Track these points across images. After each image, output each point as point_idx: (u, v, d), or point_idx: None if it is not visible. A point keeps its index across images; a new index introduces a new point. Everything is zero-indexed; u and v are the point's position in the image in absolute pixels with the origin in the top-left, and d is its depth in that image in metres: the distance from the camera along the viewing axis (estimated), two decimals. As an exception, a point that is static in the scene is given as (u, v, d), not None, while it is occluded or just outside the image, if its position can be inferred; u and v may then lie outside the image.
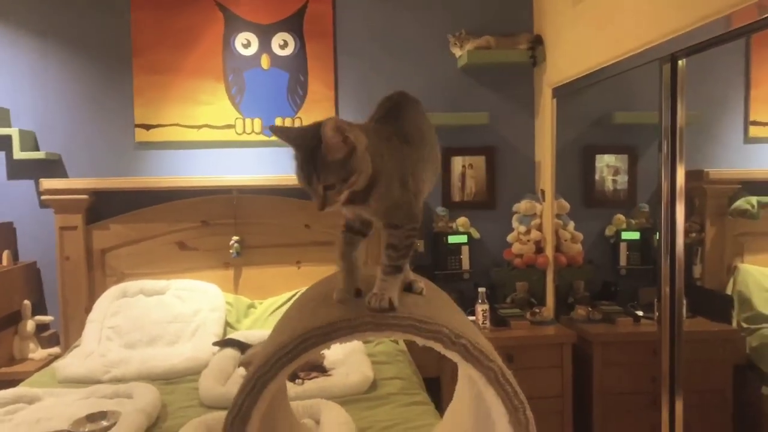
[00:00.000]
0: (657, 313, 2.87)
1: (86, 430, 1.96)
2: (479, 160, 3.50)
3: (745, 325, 2.67)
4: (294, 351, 0.74)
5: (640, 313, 3.06)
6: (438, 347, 0.75)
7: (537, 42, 3.36)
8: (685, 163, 2.36)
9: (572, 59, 3.08)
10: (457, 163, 3.49)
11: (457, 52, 3.39)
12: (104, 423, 2.00)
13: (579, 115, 3.36)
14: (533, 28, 3.50)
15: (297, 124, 3.40)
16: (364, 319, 0.74)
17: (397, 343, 3.00)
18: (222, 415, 1.98)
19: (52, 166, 3.29)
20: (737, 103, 2.77)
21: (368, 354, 2.70)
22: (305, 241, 3.36)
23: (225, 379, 2.45)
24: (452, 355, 0.75)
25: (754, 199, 2.74)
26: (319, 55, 3.40)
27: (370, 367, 2.47)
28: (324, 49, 3.41)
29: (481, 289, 3.14)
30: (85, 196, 3.18)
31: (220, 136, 3.37)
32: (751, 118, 2.78)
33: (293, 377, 2.45)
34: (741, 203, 2.77)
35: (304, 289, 3.17)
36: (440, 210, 3.43)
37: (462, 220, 3.43)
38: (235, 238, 3.27)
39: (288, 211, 3.33)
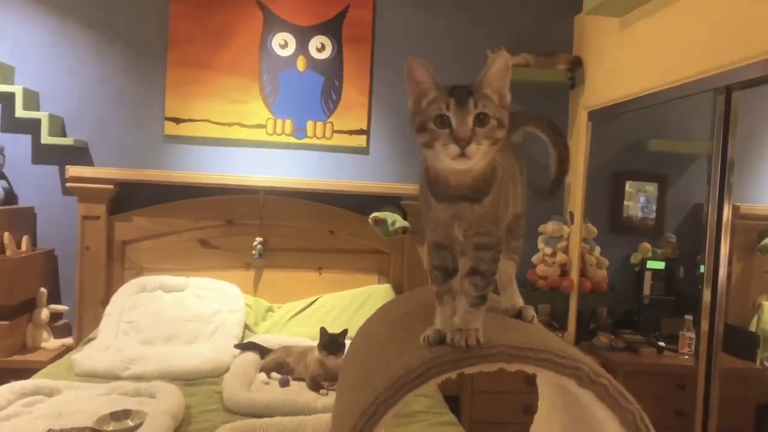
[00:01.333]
0: (689, 348, 2.83)
1: (111, 428, 1.90)
2: (509, 178, 3.45)
3: (767, 364, 2.63)
4: (422, 377, 0.69)
5: (663, 344, 3.02)
6: (571, 384, 0.70)
7: (576, 64, 3.34)
8: (733, 196, 2.33)
9: (613, 83, 3.05)
10: (487, 179, 3.44)
11: (495, 67, 3.35)
12: (129, 423, 1.94)
13: (613, 139, 3.32)
14: (572, 49, 3.48)
15: (329, 128, 3.36)
16: (499, 349, 0.70)
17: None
18: (252, 422, 1.94)
19: (79, 154, 3.24)
20: (735, 141, 2.75)
21: (392, 368, 2.64)
22: (328, 248, 3.31)
23: (248, 383, 2.40)
24: (585, 393, 0.70)
25: (783, 237, 2.71)
26: (355, 61, 3.36)
27: (396, 382, 2.41)
28: (361, 56, 3.37)
29: (506, 310, 3.09)
30: (110, 186, 3.12)
31: (250, 135, 3.32)
32: None
33: (317, 387, 2.40)
34: None
35: (323, 296, 3.19)
36: (467, 226, 3.37)
37: (488, 238, 3.38)
38: (259, 239, 3.22)
39: (313, 216, 3.28)
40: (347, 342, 2.54)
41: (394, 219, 3.07)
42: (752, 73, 2.15)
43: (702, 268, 2.44)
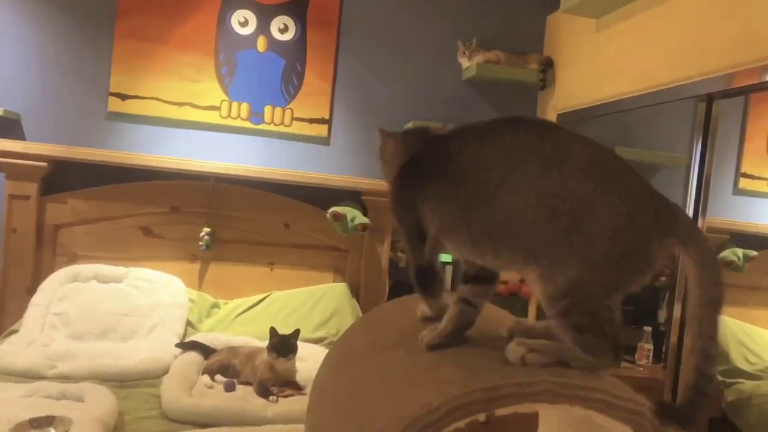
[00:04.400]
0: (646, 360, 2.79)
1: (29, 438, 1.67)
2: (474, 178, 3.34)
3: (720, 379, 2.60)
4: (445, 419, 0.53)
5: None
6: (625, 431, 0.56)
7: (548, 64, 3.24)
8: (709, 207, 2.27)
9: (585, 86, 2.97)
10: (451, 178, 3.32)
11: (465, 62, 3.23)
12: (52, 431, 1.71)
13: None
14: (542, 49, 3.39)
15: (288, 115, 3.16)
16: (543, 385, 0.54)
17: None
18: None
19: (9, 126, 2.93)
20: (731, 153, 2.72)
21: (346, 373, 2.48)
22: (282, 242, 3.11)
23: (189, 387, 2.19)
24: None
25: (740, 251, 2.69)
26: (319, 46, 3.17)
27: (352, 390, 2.25)
28: (326, 40, 3.18)
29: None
30: (43, 164, 2.84)
31: (202, 117, 3.09)
32: (743, 170, 2.74)
33: (266, 392, 2.21)
34: (728, 254, 2.71)
35: (274, 293, 3.00)
36: (428, 225, 3.24)
37: (449, 239, 3.25)
38: (207, 229, 2.99)
39: (267, 208, 3.08)
40: (300, 344, 2.37)
41: (354, 215, 2.91)
42: (734, 82, 2.09)
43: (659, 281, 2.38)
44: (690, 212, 2.28)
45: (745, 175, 2.73)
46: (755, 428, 2.42)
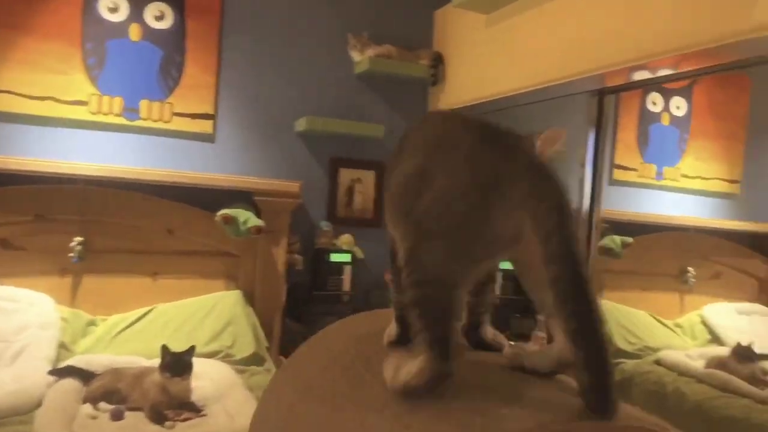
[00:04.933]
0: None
1: None
2: (369, 175, 3.27)
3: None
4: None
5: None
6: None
7: (438, 60, 3.24)
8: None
9: (476, 82, 2.99)
10: (345, 175, 3.23)
11: (356, 55, 3.14)
12: None
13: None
14: (432, 44, 3.38)
15: (167, 110, 2.90)
16: (582, 429, 0.45)
17: (271, 372, 2.64)
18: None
19: None
20: (605, 145, 2.88)
21: (247, 388, 2.31)
22: (165, 249, 2.86)
23: (69, 420, 1.93)
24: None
25: (618, 239, 2.84)
26: (200, 35, 2.95)
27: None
28: (208, 29, 2.96)
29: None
30: None
31: (68, 113, 2.76)
32: (616, 161, 2.90)
33: (160, 418, 2.00)
34: (606, 242, 2.86)
35: (159, 305, 2.75)
36: (324, 224, 3.13)
37: (346, 238, 3.17)
38: (78, 239, 2.68)
39: (147, 212, 2.82)
40: (194, 360, 2.17)
41: (246, 217, 2.73)
42: (624, 77, 2.17)
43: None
44: (586, 205, 2.35)
45: (619, 166, 2.89)
46: (639, 406, 2.55)
